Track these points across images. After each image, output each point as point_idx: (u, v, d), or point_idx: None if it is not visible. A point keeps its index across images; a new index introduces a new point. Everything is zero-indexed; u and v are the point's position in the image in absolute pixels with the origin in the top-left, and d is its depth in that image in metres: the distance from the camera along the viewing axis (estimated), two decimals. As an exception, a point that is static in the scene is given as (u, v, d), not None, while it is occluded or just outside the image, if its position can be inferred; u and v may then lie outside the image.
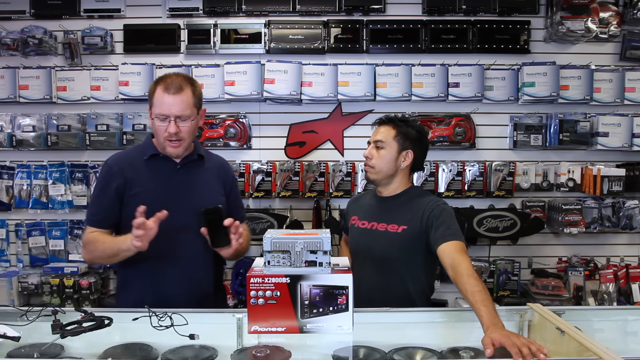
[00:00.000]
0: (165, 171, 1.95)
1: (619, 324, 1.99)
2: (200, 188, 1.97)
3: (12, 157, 3.26)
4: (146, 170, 1.94)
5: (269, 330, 1.51)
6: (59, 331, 1.44)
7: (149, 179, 1.93)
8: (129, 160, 1.97)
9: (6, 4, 3.21)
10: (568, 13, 3.05)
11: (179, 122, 1.85)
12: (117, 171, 1.93)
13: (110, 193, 1.92)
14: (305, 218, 3.19)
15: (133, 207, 1.88)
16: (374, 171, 2.05)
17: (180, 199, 1.92)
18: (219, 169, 2.06)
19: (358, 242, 2.11)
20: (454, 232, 1.86)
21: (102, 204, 1.94)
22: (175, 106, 1.83)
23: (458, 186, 3.18)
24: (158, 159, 1.95)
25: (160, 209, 1.87)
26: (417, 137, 2.06)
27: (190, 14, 3.22)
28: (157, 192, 1.92)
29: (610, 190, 3.04)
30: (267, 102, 3.23)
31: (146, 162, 1.95)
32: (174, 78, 1.87)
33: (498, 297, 3.12)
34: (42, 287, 3.10)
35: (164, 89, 1.84)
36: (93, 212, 1.97)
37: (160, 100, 1.84)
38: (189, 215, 1.91)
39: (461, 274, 1.65)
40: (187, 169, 1.97)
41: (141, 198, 1.90)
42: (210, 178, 2.01)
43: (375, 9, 3.19)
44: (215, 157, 2.11)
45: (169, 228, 1.88)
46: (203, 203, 1.91)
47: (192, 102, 1.88)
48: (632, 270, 3.15)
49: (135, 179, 1.92)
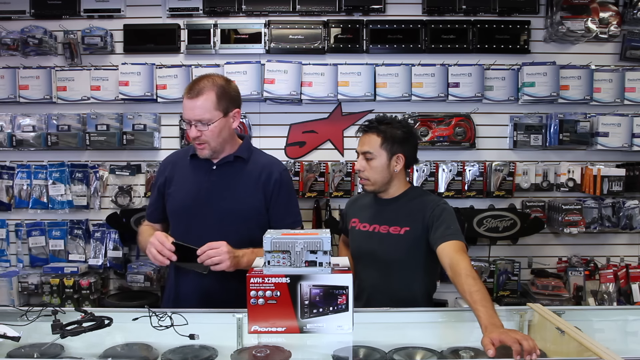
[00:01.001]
0: (201, 171, 1.98)
1: (619, 324, 1.99)
2: (232, 190, 1.95)
3: (12, 157, 3.26)
4: (186, 169, 2.01)
5: (269, 330, 1.51)
6: (59, 331, 1.44)
7: (185, 179, 1.99)
8: (176, 159, 2.07)
9: (6, 4, 3.21)
10: (568, 13, 3.05)
11: (199, 126, 1.86)
12: (163, 169, 2.06)
13: (156, 189, 2.06)
14: (305, 218, 3.16)
15: (168, 205, 2.03)
16: (369, 183, 2.03)
17: (210, 199, 1.94)
18: (260, 171, 1.99)
19: (360, 245, 2.11)
20: (453, 232, 1.86)
21: (151, 199, 2.11)
22: (192, 110, 1.85)
23: (458, 186, 3.18)
24: (198, 160, 1.98)
25: (189, 208, 1.95)
26: (403, 137, 2.02)
27: (190, 14, 3.22)
28: (189, 192, 1.96)
29: (610, 190, 3.04)
30: (267, 102, 3.23)
31: (190, 161, 2.01)
32: (199, 81, 1.89)
33: (498, 297, 3.12)
34: (42, 287, 3.10)
35: (187, 92, 1.88)
36: (148, 206, 2.14)
37: (184, 104, 1.90)
38: (217, 217, 1.92)
39: (459, 274, 1.65)
40: (223, 170, 1.97)
41: (174, 195, 1.99)
42: (248, 181, 1.97)
43: (375, 9, 3.19)
44: (263, 159, 2.05)
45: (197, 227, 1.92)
46: (233, 206, 1.94)
47: (211, 106, 1.86)
48: (632, 270, 3.15)
49: (174, 177, 2.01)
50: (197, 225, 1.93)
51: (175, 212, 2.00)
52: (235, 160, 1.98)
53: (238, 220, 1.94)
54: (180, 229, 1.98)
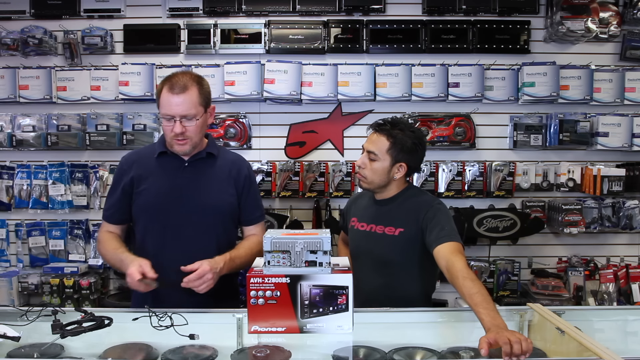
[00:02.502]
0: (173, 168, 1.96)
1: (619, 324, 1.99)
2: (207, 186, 1.97)
3: (12, 157, 3.26)
4: (155, 167, 1.97)
5: (269, 330, 1.52)
6: (59, 331, 1.44)
7: (156, 176, 1.95)
8: (140, 158, 2.02)
9: (6, 4, 3.21)
10: (568, 13, 3.05)
11: (184, 122, 1.86)
12: (127, 168, 1.99)
13: (119, 190, 1.99)
14: (305, 218, 3.19)
15: (138, 203, 1.97)
16: (365, 181, 2.03)
17: (185, 196, 1.93)
18: (230, 167, 2.03)
19: (358, 244, 2.11)
20: (448, 233, 1.86)
21: (112, 200, 2.03)
22: (179, 106, 1.84)
23: (458, 186, 3.18)
24: (167, 157, 1.98)
25: (161, 205, 1.92)
26: (412, 147, 1.98)
27: (190, 14, 3.22)
28: (162, 189, 1.94)
29: (610, 190, 3.04)
30: (267, 102, 3.23)
31: (156, 159, 1.97)
32: (179, 77, 1.88)
33: (498, 297, 3.12)
34: (42, 287, 3.10)
35: (169, 88, 1.85)
36: (105, 207, 2.06)
37: (165, 100, 1.86)
38: (192, 214, 1.92)
39: (456, 277, 1.65)
40: (195, 166, 1.97)
41: (145, 195, 1.95)
42: (220, 176, 2.00)
43: (375, 9, 3.19)
44: (230, 155, 2.09)
45: (173, 224, 1.91)
46: (208, 201, 1.94)
47: (197, 101, 1.88)
48: (632, 270, 3.15)
49: (143, 175, 1.96)
50: (172, 222, 1.92)
51: (148, 210, 1.95)
52: (207, 156, 1.99)
53: (213, 215, 1.96)
54: (155, 227, 1.95)
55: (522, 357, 1.32)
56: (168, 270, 1.81)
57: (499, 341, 1.33)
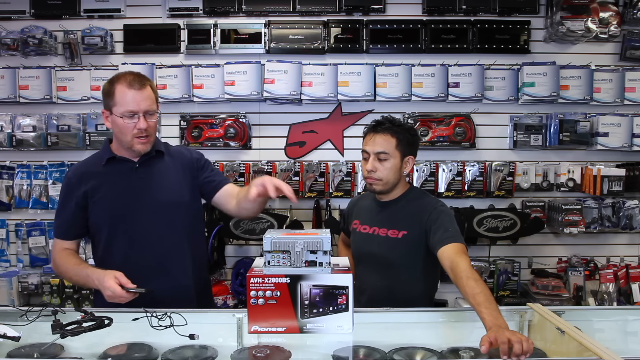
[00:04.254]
0: (124, 173, 1.92)
1: (619, 324, 1.99)
2: (163, 183, 1.94)
3: (12, 157, 3.26)
4: (105, 175, 1.92)
5: (269, 330, 1.52)
6: (59, 331, 1.44)
7: (109, 184, 1.91)
8: (87, 169, 1.95)
9: (6, 4, 3.21)
10: (568, 13, 3.05)
11: (148, 118, 1.84)
12: (76, 182, 1.92)
13: (71, 205, 1.92)
14: (305, 218, 3.19)
15: (96, 214, 1.92)
16: (381, 183, 2.01)
17: (141, 197, 1.90)
18: (180, 158, 2.01)
19: (361, 246, 2.11)
20: (452, 235, 1.86)
21: (64, 216, 1.95)
22: (143, 102, 1.83)
23: (458, 186, 3.18)
24: (115, 162, 1.93)
25: (122, 210, 1.89)
26: (412, 139, 2.06)
27: (190, 14, 3.22)
28: (118, 195, 1.90)
29: (610, 190, 3.04)
30: (267, 102, 3.23)
31: (104, 167, 1.92)
32: (133, 75, 1.86)
33: (498, 297, 3.11)
34: (42, 287, 3.10)
35: (128, 85, 1.82)
36: (57, 224, 1.97)
37: (125, 97, 1.82)
38: (155, 213, 1.90)
39: (460, 277, 1.65)
40: (146, 166, 1.94)
41: (102, 204, 1.90)
42: (172, 171, 1.97)
43: (375, 9, 3.19)
44: (174, 149, 2.08)
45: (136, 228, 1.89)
46: (167, 198, 1.92)
47: (154, 98, 1.89)
48: (632, 270, 3.15)
49: (95, 186, 1.90)
50: (136, 226, 1.89)
51: (109, 218, 1.90)
52: (157, 154, 1.97)
53: (178, 209, 1.93)
54: (118, 234, 1.90)
55: (523, 357, 1.32)
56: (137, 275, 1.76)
57: (499, 340, 1.33)
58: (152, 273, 1.84)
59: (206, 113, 3.23)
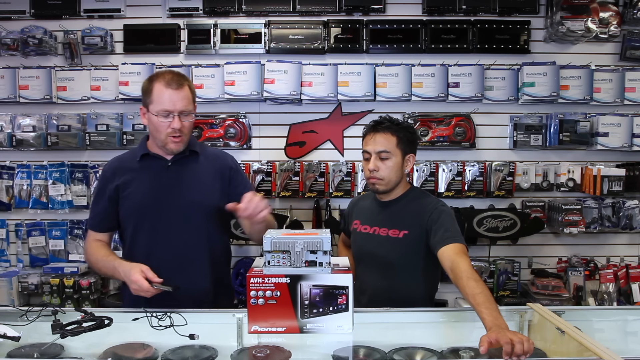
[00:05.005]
0: (156, 170, 1.95)
1: (619, 324, 2.00)
2: (192, 183, 1.96)
3: (12, 157, 3.26)
4: (138, 171, 1.96)
5: (269, 330, 1.52)
6: (59, 331, 1.45)
7: (140, 179, 1.94)
8: (122, 164, 2.00)
9: (6, 4, 3.21)
10: (568, 13, 3.05)
11: (182, 118, 1.87)
12: (110, 176, 1.98)
13: (104, 198, 1.97)
14: (305, 218, 3.19)
15: (125, 208, 1.96)
16: (383, 182, 2.02)
17: (171, 196, 1.92)
18: (214, 161, 2.04)
19: (361, 247, 2.11)
20: (452, 235, 1.86)
21: (97, 208, 2.01)
22: (179, 102, 1.85)
23: (458, 186, 3.18)
24: (149, 159, 1.97)
25: (149, 207, 1.92)
26: (412, 137, 2.07)
27: (190, 14, 3.22)
28: (147, 191, 1.93)
29: (610, 190, 3.03)
30: (267, 102, 3.23)
31: (138, 163, 1.96)
32: (172, 74, 1.89)
33: (498, 297, 3.11)
34: (42, 287, 3.10)
35: (166, 85, 1.85)
36: (91, 216, 2.04)
37: (162, 96, 1.85)
38: (181, 212, 1.92)
39: (460, 277, 1.65)
40: (179, 165, 1.97)
41: (131, 199, 1.94)
42: (205, 172, 2.00)
43: (375, 9, 3.19)
44: (211, 151, 2.11)
45: (161, 225, 1.90)
46: (195, 198, 1.94)
47: (191, 98, 1.92)
48: (632, 270, 3.14)
49: (127, 181, 1.94)
50: (161, 223, 1.91)
51: (136, 213, 1.94)
52: (190, 154, 1.99)
53: (204, 211, 1.95)
54: (144, 230, 1.93)
55: (523, 357, 1.32)
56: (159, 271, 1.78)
57: (501, 341, 1.33)
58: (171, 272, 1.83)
59: (206, 113, 3.23)
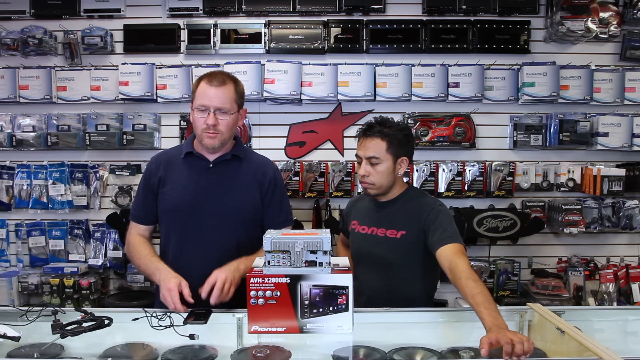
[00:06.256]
0: (197, 169, 1.96)
1: (619, 324, 2.00)
2: (230, 188, 1.96)
3: (12, 157, 3.26)
4: (180, 168, 1.97)
5: (269, 330, 1.52)
6: (59, 331, 1.45)
7: (180, 177, 1.96)
8: (167, 158, 2.02)
9: (6, 4, 3.21)
10: (568, 13, 3.05)
11: (218, 115, 1.87)
12: (154, 169, 2.00)
13: (147, 190, 2.00)
14: (305, 218, 3.19)
15: (162, 204, 1.98)
16: (374, 187, 2.01)
17: (207, 198, 1.92)
18: (256, 170, 2.02)
19: (359, 247, 2.11)
20: (450, 235, 1.86)
21: (140, 201, 2.03)
22: (215, 98, 1.86)
23: (458, 186, 3.18)
24: (192, 158, 1.98)
25: (186, 207, 1.92)
26: (405, 139, 2.02)
27: (190, 14, 3.22)
28: (183, 189, 1.94)
29: (610, 190, 3.03)
30: (267, 102, 3.23)
31: (182, 160, 1.98)
32: (218, 73, 1.92)
33: (498, 297, 3.11)
34: (42, 287, 3.10)
35: (207, 82, 1.88)
36: (134, 207, 2.06)
37: (202, 92, 1.88)
38: (215, 215, 1.92)
39: (459, 277, 1.65)
40: (220, 168, 1.96)
41: (168, 194, 1.96)
42: (244, 179, 1.98)
43: (375, 9, 3.19)
44: (256, 158, 2.09)
45: (193, 226, 1.91)
46: (231, 204, 1.93)
47: (233, 97, 1.90)
48: (632, 270, 3.14)
49: (168, 176, 1.96)
50: (194, 224, 1.91)
51: (171, 211, 1.95)
52: (232, 158, 1.99)
53: (236, 217, 1.94)
54: (176, 228, 1.95)
55: (523, 357, 1.32)
56: (186, 273, 1.77)
57: (501, 341, 1.33)
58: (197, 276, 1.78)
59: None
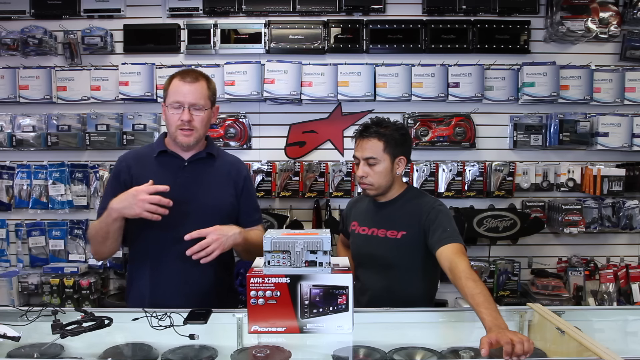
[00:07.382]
0: (172, 168, 1.96)
1: (619, 324, 2.00)
2: (207, 186, 1.97)
3: (12, 157, 3.26)
4: (154, 167, 1.96)
5: (269, 330, 1.51)
6: (59, 331, 1.44)
7: (155, 176, 1.92)
8: (138, 157, 2.01)
9: (6, 4, 3.21)
10: (568, 13, 3.05)
11: (193, 111, 1.89)
12: (125, 167, 1.98)
13: (117, 189, 1.94)
14: (305, 218, 3.19)
15: None
16: (373, 188, 2.02)
17: (185, 195, 1.92)
18: (230, 168, 2.05)
19: (360, 248, 2.11)
20: (450, 235, 1.86)
21: (109, 199, 1.95)
22: (190, 94, 1.88)
23: (458, 186, 3.18)
24: (166, 156, 1.98)
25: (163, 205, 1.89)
26: (402, 139, 2.02)
27: (190, 14, 3.22)
28: None
29: (610, 190, 3.04)
30: (267, 102, 3.23)
31: (155, 159, 1.97)
32: (191, 71, 1.94)
33: (498, 297, 3.11)
34: (42, 287, 3.10)
35: (181, 78, 1.90)
36: (101, 207, 1.99)
37: (175, 89, 1.89)
38: (193, 213, 1.91)
39: (459, 277, 1.65)
40: (195, 166, 1.97)
41: None
42: (219, 177, 2.01)
43: (375, 9, 3.19)
44: (228, 157, 2.11)
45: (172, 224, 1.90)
46: (209, 201, 1.94)
47: (206, 94, 1.93)
48: (632, 270, 3.14)
49: (141, 175, 1.94)
50: (172, 222, 1.88)
51: None
52: (207, 156, 2.00)
53: (213, 214, 1.93)
54: (153, 226, 1.89)
55: (523, 357, 1.32)
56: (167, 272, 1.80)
57: (501, 341, 1.33)
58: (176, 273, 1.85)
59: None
